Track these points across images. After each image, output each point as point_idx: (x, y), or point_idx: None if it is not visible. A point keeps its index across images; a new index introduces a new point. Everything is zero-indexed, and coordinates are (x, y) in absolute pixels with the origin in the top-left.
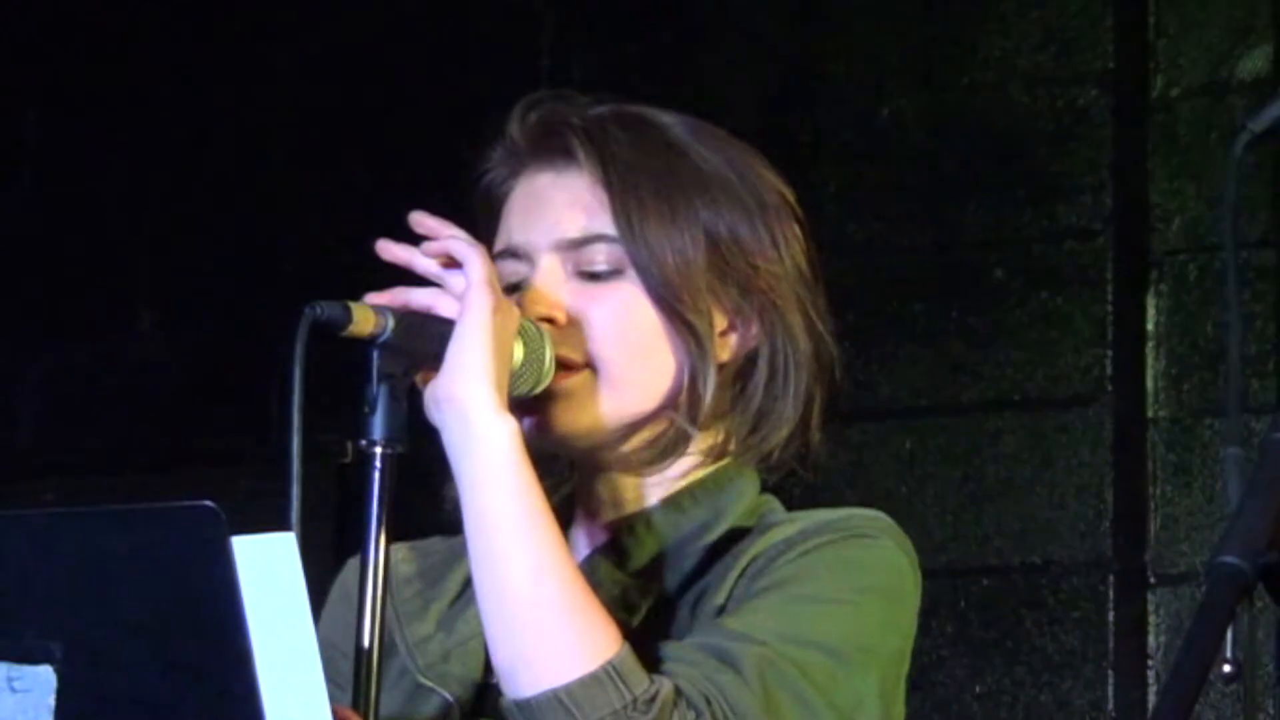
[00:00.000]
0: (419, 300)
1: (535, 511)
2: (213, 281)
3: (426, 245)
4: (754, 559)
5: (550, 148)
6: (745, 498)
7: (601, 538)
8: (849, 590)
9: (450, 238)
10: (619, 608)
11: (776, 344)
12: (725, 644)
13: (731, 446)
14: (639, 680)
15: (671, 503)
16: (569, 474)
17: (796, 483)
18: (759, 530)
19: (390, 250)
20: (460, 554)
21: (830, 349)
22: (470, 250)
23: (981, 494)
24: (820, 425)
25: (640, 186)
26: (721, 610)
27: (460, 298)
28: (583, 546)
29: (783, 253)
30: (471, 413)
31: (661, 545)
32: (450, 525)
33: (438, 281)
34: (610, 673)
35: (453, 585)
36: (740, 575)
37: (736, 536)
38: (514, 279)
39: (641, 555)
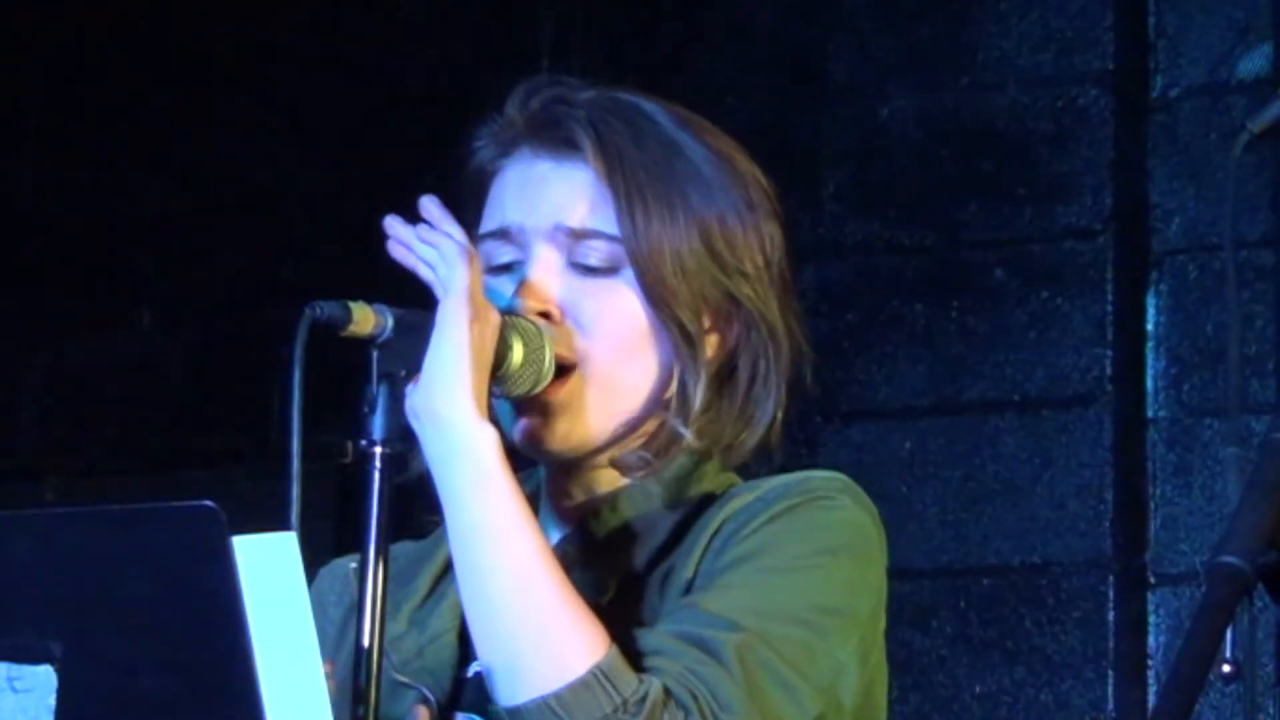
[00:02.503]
0: (424, 275)
1: (518, 519)
2: (213, 281)
3: (421, 229)
4: (718, 529)
5: (551, 136)
6: (708, 476)
7: (568, 525)
8: (815, 555)
9: (446, 235)
10: (589, 587)
11: (758, 345)
12: (704, 632)
13: (711, 446)
14: (628, 682)
15: (636, 485)
16: (533, 470)
17: None
18: (722, 501)
19: (395, 227)
20: (428, 555)
21: (804, 352)
22: (457, 257)
23: (981, 494)
24: (784, 423)
25: (644, 186)
26: (690, 585)
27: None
28: (552, 531)
29: (768, 255)
30: (450, 424)
31: (627, 523)
32: (422, 528)
33: (430, 269)
34: (598, 676)
35: (422, 585)
36: (706, 547)
37: (701, 508)
38: (504, 260)
39: (608, 535)
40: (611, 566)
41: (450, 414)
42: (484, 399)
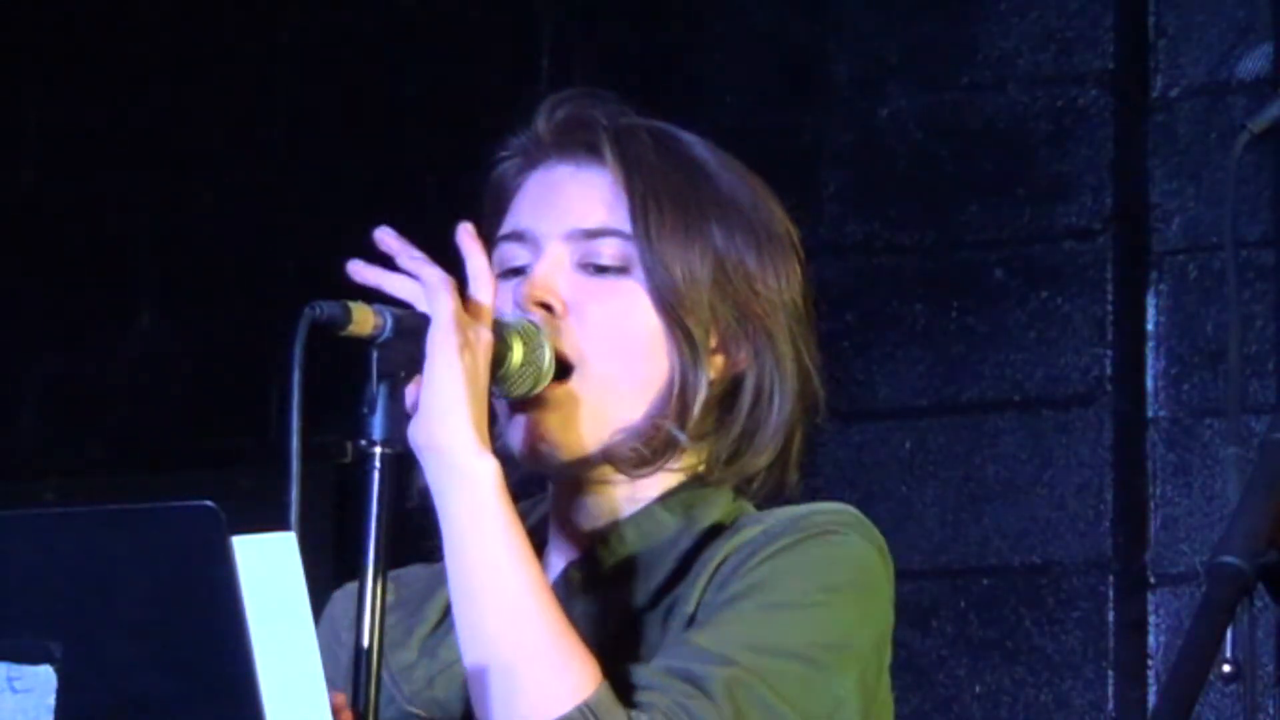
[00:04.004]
0: (401, 293)
1: (514, 551)
2: (213, 281)
3: (401, 259)
4: (722, 563)
5: (574, 143)
6: (719, 505)
7: (576, 552)
8: (818, 591)
9: (417, 266)
10: (594, 619)
11: (764, 369)
12: (694, 666)
13: (711, 469)
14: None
15: (645, 513)
16: (547, 493)
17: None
18: (730, 533)
19: (362, 273)
20: (440, 581)
21: (817, 389)
22: (440, 286)
23: (981, 494)
24: (798, 464)
25: (660, 194)
26: (692, 619)
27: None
28: (558, 562)
29: (782, 285)
30: (451, 457)
31: (634, 554)
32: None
33: (411, 296)
34: (586, 714)
35: (434, 612)
36: (709, 581)
37: (708, 540)
38: (516, 263)
39: (615, 565)
40: (616, 599)
41: (450, 444)
42: (484, 427)
